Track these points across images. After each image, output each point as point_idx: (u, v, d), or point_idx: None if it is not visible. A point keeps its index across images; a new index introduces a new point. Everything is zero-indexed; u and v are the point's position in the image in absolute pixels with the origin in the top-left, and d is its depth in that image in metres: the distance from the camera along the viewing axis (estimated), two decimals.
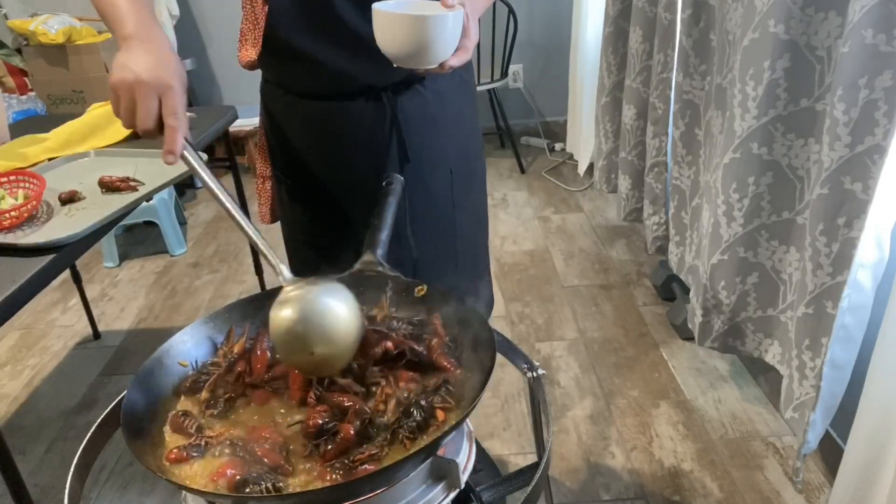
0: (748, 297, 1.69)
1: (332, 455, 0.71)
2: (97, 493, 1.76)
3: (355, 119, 1.11)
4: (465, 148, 1.23)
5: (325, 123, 1.13)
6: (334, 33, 1.03)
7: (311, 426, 0.74)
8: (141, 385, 0.80)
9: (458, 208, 1.23)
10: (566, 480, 1.69)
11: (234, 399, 0.81)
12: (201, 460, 0.73)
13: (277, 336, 0.76)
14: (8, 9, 3.54)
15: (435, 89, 1.14)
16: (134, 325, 2.51)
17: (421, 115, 1.13)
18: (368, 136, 1.13)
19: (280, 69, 1.14)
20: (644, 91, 2.27)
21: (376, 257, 0.95)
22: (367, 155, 1.14)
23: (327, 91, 1.11)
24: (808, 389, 1.47)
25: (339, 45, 1.04)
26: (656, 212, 2.28)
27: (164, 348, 0.86)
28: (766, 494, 1.61)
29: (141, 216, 2.93)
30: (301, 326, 0.75)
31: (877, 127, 1.23)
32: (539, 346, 2.21)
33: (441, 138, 1.17)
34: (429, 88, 1.13)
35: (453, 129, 1.18)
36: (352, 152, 1.15)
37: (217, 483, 0.69)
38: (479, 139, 1.29)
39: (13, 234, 1.26)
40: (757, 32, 1.43)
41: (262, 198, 1.34)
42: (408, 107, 1.12)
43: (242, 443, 0.74)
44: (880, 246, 1.29)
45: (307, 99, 1.13)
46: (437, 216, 1.21)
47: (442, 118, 1.16)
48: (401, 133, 1.12)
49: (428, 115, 1.14)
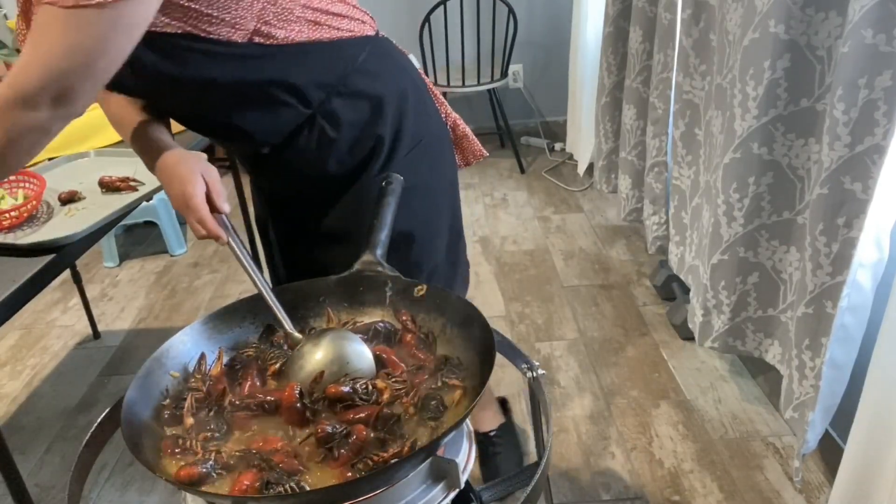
0: (748, 297, 1.69)
1: (346, 458, 0.71)
2: (97, 493, 1.76)
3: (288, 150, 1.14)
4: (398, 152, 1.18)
5: (259, 161, 1.18)
6: (186, 123, 1.13)
7: (320, 432, 0.73)
8: (141, 385, 0.80)
9: (409, 191, 1.14)
10: (566, 480, 1.69)
11: (222, 413, 0.80)
12: (220, 479, 0.71)
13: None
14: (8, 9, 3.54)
15: (295, 150, 1.12)
16: (134, 325, 2.51)
17: (318, 147, 1.11)
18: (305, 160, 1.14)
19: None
20: (644, 91, 2.27)
21: (376, 257, 0.96)
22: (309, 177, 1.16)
23: (244, 145, 1.16)
24: (807, 389, 1.47)
25: (214, 134, 1.16)
26: (656, 212, 2.28)
27: (164, 348, 0.86)
28: (766, 494, 1.61)
29: (141, 216, 2.93)
30: (336, 367, 0.82)
31: (876, 127, 1.23)
32: (539, 346, 2.21)
33: (335, 182, 1.15)
34: (283, 154, 1.13)
35: (344, 172, 1.15)
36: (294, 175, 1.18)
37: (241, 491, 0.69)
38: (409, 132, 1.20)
39: (13, 234, 1.26)
40: (757, 32, 1.43)
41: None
42: (305, 144, 1.11)
43: (256, 450, 0.74)
44: (880, 246, 1.29)
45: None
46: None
47: (341, 139, 1.13)
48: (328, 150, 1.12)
49: (326, 142, 1.11)
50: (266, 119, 1.06)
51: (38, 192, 1.34)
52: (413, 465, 0.72)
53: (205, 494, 0.71)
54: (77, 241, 1.23)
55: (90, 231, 1.26)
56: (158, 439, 0.77)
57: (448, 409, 0.78)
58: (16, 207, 1.29)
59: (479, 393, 0.75)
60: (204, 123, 1.12)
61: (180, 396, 0.83)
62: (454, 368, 0.83)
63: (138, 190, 1.43)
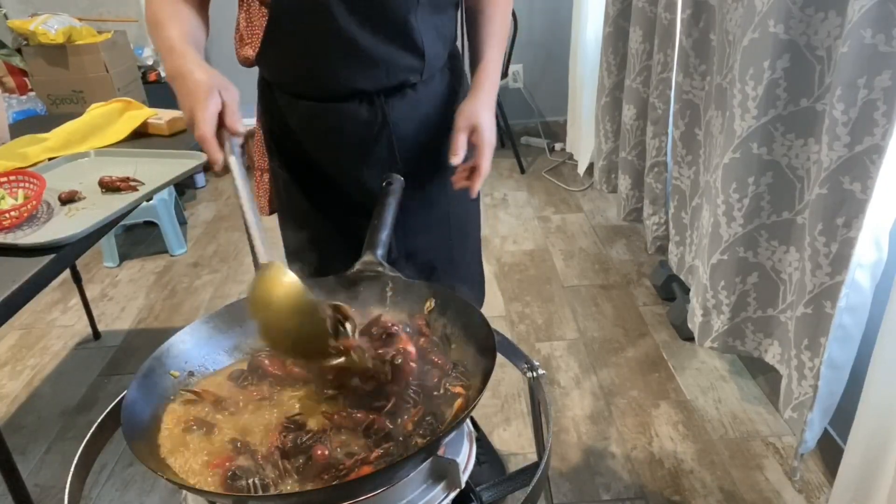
0: (748, 297, 1.69)
1: (311, 474, 0.70)
2: (97, 493, 1.76)
3: (348, 120, 1.15)
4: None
5: (319, 123, 1.16)
6: (330, 41, 1.06)
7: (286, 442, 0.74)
8: (141, 385, 0.80)
9: (451, 202, 1.27)
10: (566, 480, 1.69)
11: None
12: (202, 437, 0.74)
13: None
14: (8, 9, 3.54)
15: (426, 92, 1.18)
16: (134, 325, 2.51)
17: (412, 117, 1.17)
18: (360, 136, 1.17)
19: (276, 70, 1.17)
20: (644, 91, 2.27)
21: (376, 257, 0.96)
22: (359, 153, 1.18)
23: (321, 93, 1.14)
24: (806, 389, 1.47)
25: (335, 52, 1.07)
26: (656, 212, 2.28)
27: (164, 348, 0.86)
28: (765, 494, 1.61)
29: (141, 216, 2.93)
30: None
31: (876, 127, 1.23)
32: (539, 346, 2.21)
33: (432, 138, 1.21)
34: (420, 92, 1.17)
35: (444, 129, 1.20)
36: (344, 151, 1.18)
37: (210, 474, 0.70)
38: None
39: (13, 234, 1.26)
40: (757, 32, 1.43)
41: (260, 190, 1.37)
42: (399, 109, 1.16)
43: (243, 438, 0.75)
44: (878, 246, 1.29)
45: (302, 99, 1.16)
46: (430, 211, 1.26)
47: (432, 120, 1.20)
48: (391, 133, 1.16)
49: (419, 117, 1.18)
50: (437, 32, 1.12)
51: (38, 192, 1.34)
52: (414, 465, 0.72)
53: (205, 494, 0.71)
54: (77, 241, 1.23)
55: (90, 231, 1.26)
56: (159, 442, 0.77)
57: (445, 421, 0.75)
58: (16, 207, 1.29)
59: (480, 393, 0.75)
60: (378, 27, 1.07)
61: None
62: (460, 376, 0.81)
63: (138, 190, 1.43)
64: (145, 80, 3.43)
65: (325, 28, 1.04)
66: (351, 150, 1.18)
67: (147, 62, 3.53)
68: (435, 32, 1.12)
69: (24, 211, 1.29)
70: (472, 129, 1.09)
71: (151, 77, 3.51)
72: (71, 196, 1.40)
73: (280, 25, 1.06)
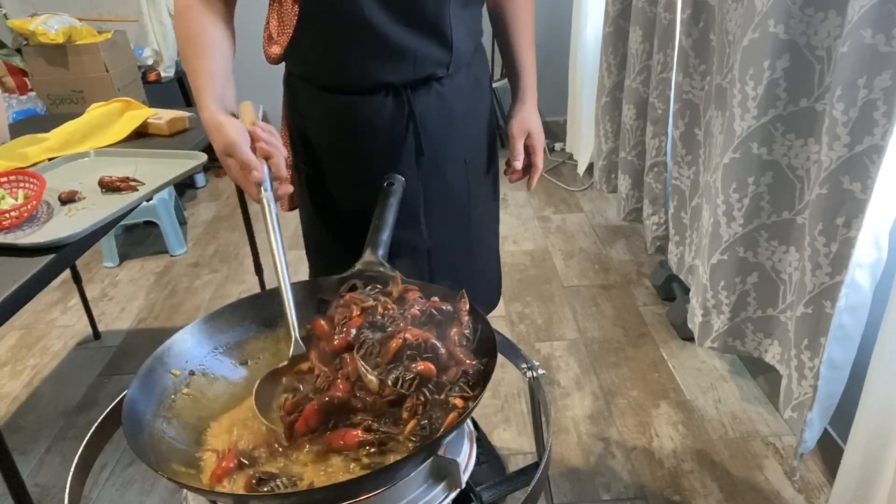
0: (748, 297, 1.70)
1: (301, 426, 0.73)
2: (97, 493, 1.76)
3: (374, 112, 1.15)
4: (478, 140, 1.29)
5: (345, 115, 1.17)
6: (360, 34, 1.07)
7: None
8: (142, 385, 0.80)
9: (472, 198, 1.28)
10: (566, 480, 1.69)
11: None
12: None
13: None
14: (8, 9, 3.54)
15: (451, 86, 1.19)
16: (134, 325, 2.51)
17: (437, 110, 1.18)
18: (386, 128, 1.17)
19: (305, 64, 1.18)
20: (644, 91, 2.27)
21: (377, 257, 0.96)
22: (384, 146, 1.19)
23: (349, 86, 1.15)
24: (806, 389, 1.47)
25: (364, 45, 1.09)
26: (656, 212, 2.28)
27: (165, 348, 0.85)
28: (765, 494, 1.61)
29: (141, 216, 2.93)
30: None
31: (875, 127, 1.23)
32: (539, 346, 2.21)
33: (456, 131, 1.22)
34: (445, 86, 1.18)
35: (467, 123, 1.24)
36: (369, 143, 1.19)
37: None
38: (493, 132, 1.35)
39: (13, 234, 1.26)
40: (757, 32, 1.43)
41: None
42: (425, 102, 1.16)
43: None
44: (878, 246, 1.29)
45: (329, 92, 1.17)
46: (451, 205, 1.26)
47: (456, 113, 1.21)
48: (417, 126, 1.17)
49: (443, 110, 1.19)
50: (466, 26, 1.13)
51: (38, 192, 1.34)
52: (414, 465, 0.72)
53: (205, 494, 0.71)
54: (77, 241, 1.23)
55: (90, 231, 1.26)
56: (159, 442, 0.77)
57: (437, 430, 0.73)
58: (16, 207, 1.29)
59: (480, 393, 0.75)
60: (411, 21, 1.08)
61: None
62: (466, 386, 0.77)
63: (138, 190, 1.43)
64: (145, 80, 3.43)
65: (356, 21, 1.05)
66: (376, 143, 1.18)
67: (147, 62, 3.53)
68: (464, 27, 1.13)
69: (24, 211, 1.29)
70: (526, 133, 1.26)
71: (151, 77, 3.51)
72: (71, 196, 1.40)
73: (311, 19, 1.08)
